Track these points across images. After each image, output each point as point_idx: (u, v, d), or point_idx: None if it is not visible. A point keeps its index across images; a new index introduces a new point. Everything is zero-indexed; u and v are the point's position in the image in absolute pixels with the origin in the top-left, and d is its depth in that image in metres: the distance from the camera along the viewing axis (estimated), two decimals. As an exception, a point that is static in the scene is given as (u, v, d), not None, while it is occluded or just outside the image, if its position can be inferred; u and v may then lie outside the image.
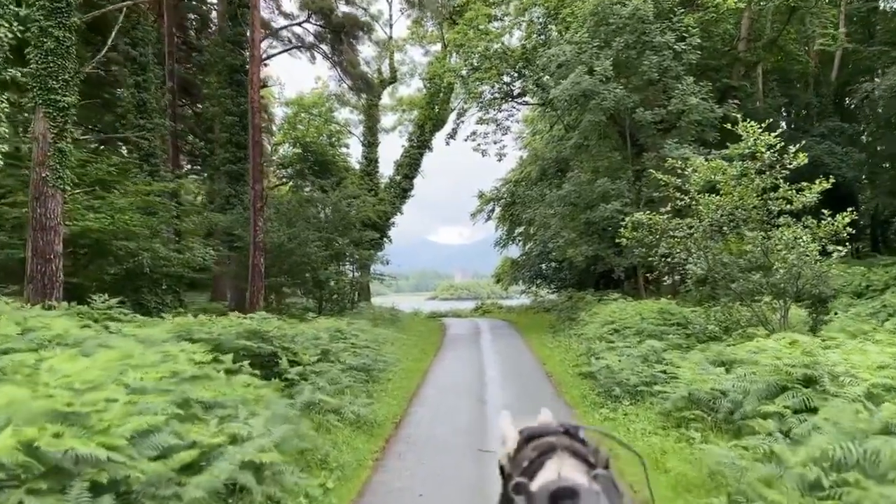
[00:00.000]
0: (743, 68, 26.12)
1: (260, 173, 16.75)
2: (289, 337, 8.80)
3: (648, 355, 10.71)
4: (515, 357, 16.37)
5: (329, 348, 8.97)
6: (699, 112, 19.36)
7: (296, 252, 18.05)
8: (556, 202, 20.84)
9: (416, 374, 13.26)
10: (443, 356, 16.53)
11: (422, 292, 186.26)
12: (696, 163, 12.60)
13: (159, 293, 13.88)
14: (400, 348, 16.13)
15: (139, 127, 17.97)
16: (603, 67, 19.11)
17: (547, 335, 20.25)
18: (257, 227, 16.52)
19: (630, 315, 14.61)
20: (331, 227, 19.72)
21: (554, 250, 21.30)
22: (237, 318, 9.04)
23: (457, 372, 14.02)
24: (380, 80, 35.32)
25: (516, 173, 40.97)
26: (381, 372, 11.48)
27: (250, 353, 8.43)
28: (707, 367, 9.17)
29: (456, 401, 10.60)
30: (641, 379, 9.71)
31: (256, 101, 16.85)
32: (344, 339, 10.97)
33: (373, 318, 21.84)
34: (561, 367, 14.15)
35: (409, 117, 40.05)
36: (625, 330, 13.44)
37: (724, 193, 12.83)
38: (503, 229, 42.66)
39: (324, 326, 11.31)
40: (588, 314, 17.86)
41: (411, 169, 36.51)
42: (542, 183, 25.24)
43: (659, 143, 19.92)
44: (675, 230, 12.82)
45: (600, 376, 10.64)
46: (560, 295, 35.70)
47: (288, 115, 35.77)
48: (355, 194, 20.93)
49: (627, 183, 19.71)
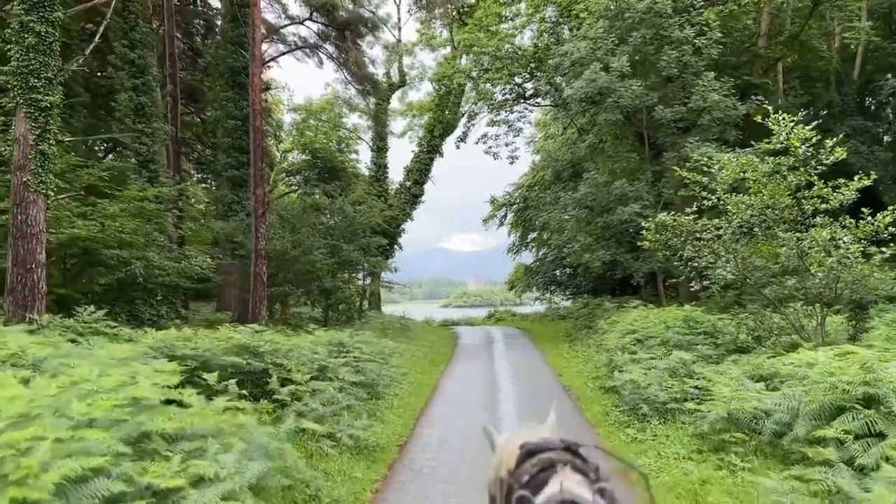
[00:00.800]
0: (763, 65, 25.16)
1: (262, 178, 16.04)
2: (282, 352, 8.00)
3: (677, 368, 9.81)
4: (530, 368, 15.50)
5: (327, 364, 8.16)
6: (721, 109, 18.43)
7: (300, 260, 17.31)
8: (571, 205, 19.97)
9: (424, 389, 12.43)
10: (453, 368, 15.68)
11: (435, 300, 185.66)
12: (724, 159, 11.69)
13: (154, 304, 13.17)
14: (408, 360, 15.31)
15: (137, 131, 17.37)
16: (619, 64, 18.25)
17: (563, 344, 19.35)
18: (259, 234, 15.80)
19: (653, 323, 13.70)
20: (337, 233, 18.98)
21: (569, 256, 20.41)
22: (227, 332, 8.27)
23: (468, 385, 13.17)
24: (389, 83, 34.66)
25: (529, 178, 40.12)
26: (387, 387, 10.67)
27: (239, 370, 7.66)
28: (745, 382, 8.27)
29: (466, 419, 9.73)
30: (671, 395, 8.82)
31: (258, 103, 16.16)
32: (345, 352, 10.16)
33: (381, 327, 21.06)
34: (580, 380, 13.26)
35: (419, 122, 39.35)
36: (648, 340, 12.53)
37: (754, 192, 11.93)
38: (516, 235, 41.78)
39: (325, 339, 10.52)
40: (607, 322, 16.93)
41: (421, 174, 35.77)
42: (556, 186, 24.36)
43: (679, 143, 19.02)
44: (702, 232, 11.91)
45: (624, 391, 9.74)
46: (575, 302, 34.73)
47: (296, 121, 35.17)
48: (362, 199, 20.17)
49: (646, 184, 18.79)
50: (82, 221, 11.76)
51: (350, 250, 18.27)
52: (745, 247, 12.37)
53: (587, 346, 16.76)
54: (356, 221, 18.91)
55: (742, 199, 11.89)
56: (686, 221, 12.03)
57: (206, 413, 5.06)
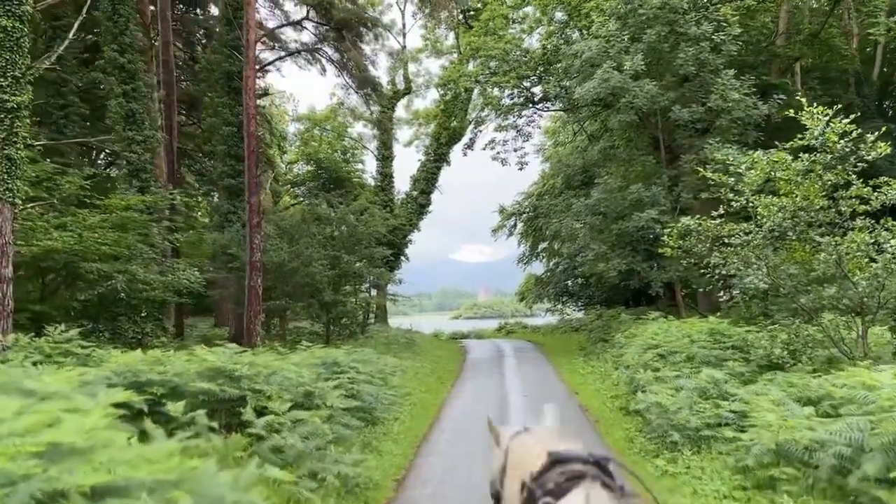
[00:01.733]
0: (781, 65, 24.17)
1: (257, 185, 15.19)
2: (263, 376, 7.05)
3: (708, 388, 8.77)
4: (543, 386, 14.46)
5: (314, 389, 7.19)
6: (742, 109, 17.44)
7: (299, 272, 16.42)
8: (584, 212, 18.97)
9: (428, 411, 11.43)
10: (461, 387, 14.67)
11: (445, 311, 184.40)
12: (755, 157, 10.69)
13: (139, 321, 12.28)
14: (412, 378, 14.33)
15: (128, 139, 16.60)
16: (633, 63, 17.31)
17: (577, 359, 18.29)
18: (254, 245, 14.93)
19: (676, 337, 12.64)
20: (338, 244, 18.08)
21: (582, 265, 19.39)
22: (202, 353, 7.34)
23: (476, 406, 12.15)
24: (394, 91, 33.90)
25: (539, 186, 39.18)
26: (385, 411, 9.69)
27: (212, 398, 6.72)
28: (791, 406, 7.24)
29: (474, 444, 8.73)
30: (704, 420, 7.78)
31: (252, 107, 15.34)
32: (339, 373, 9.19)
33: (386, 342, 20.10)
34: (598, 400, 12.22)
35: (425, 131, 38.58)
36: (672, 355, 11.47)
37: (785, 193, 10.93)
38: (526, 245, 40.77)
39: (316, 358, 9.56)
40: (624, 335, 15.87)
41: (428, 184, 34.91)
42: (567, 193, 23.36)
43: (697, 145, 18.02)
44: (730, 237, 10.89)
45: (650, 415, 8.71)
46: (588, 313, 33.63)
47: (300, 130, 34.47)
48: (363, 207, 19.26)
49: (664, 189, 17.77)
50: (58, 233, 10.91)
51: (352, 262, 17.34)
52: (776, 253, 11.38)
53: (604, 361, 15.71)
54: (358, 231, 18.00)
55: (773, 200, 10.90)
56: (712, 226, 11.02)
57: (156, 455, 4.11)
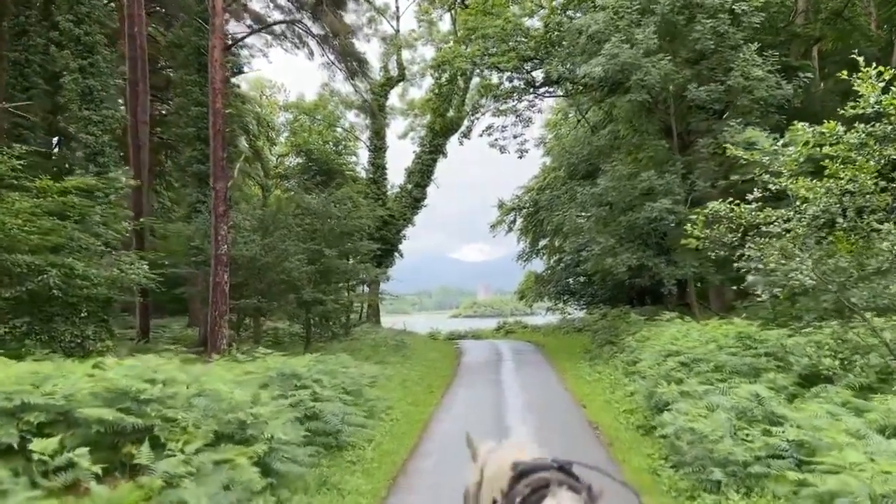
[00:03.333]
0: (802, 46, 22.50)
1: (223, 170, 13.49)
2: (184, 398, 5.38)
3: (750, 408, 7.10)
4: (546, 396, 12.80)
5: (250, 416, 5.47)
6: (765, 88, 15.77)
7: (274, 267, 14.74)
8: (590, 202, 17.28)
9: (412, 429, 9.75)
10: (452, 397, 12.99)
11: (444, 310, 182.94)
12: (798, 128, 9.00)
13: (78, 322, 10.60)
14: (397, 387, 12.66)
15: (84, 119, 14.95)
16: (645, 36, 15.62)
17: (582, 363, 16.61)
18: (220, 237, 13.25)
19: (698, 342, 10.98)
20: (319, 237, 16.40)
21: (587, 260, 17.70)
22: (114, 363, 5.68)
23: (468, 422, 10.46)
24: (387, 77, 32.16)
25: (539, 180, 37.50)
26: (357, 433, 8.00)
27: (111, 429, 5.05)
28: (872, 437, 5.60)
29: (465, 477, 7.09)
30: (754, 453, 6.10)
31: (218, 81, 13.65)
32: (298, 388, 7.52)
33: (373, 344, 18.41)
34: (609, 414, 10.55)
35: (421, 122, 36.85)
36: (697, 364, 9.79)
37: (831, 173, 9.27)
38: (526, 242, 39.10)
39: (271, 369, 7.88)
40: (635, 338, 14.20)
41: (423, 176, 33.20)
42: (571, 182, 21.61)
43: (714, 129, 16.35)
44: (768, 224, 9.22)
45: (680, 442, 7.03)
46: (590, 312, 31.96)
47: (289, 120, 32.77)
48: (346, 196, 17.55)
49: (678, 177, 16.09)
50: (-26, 219, 9.24)
51: (333, 256, 15.65)
52: (819, 244, 9.74)
53: (613, 368, 14.03)
54: (342, 223, 16.30)
55: (818, 182, 9.24)
56: (746, 211, 9.33)
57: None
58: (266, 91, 41.18)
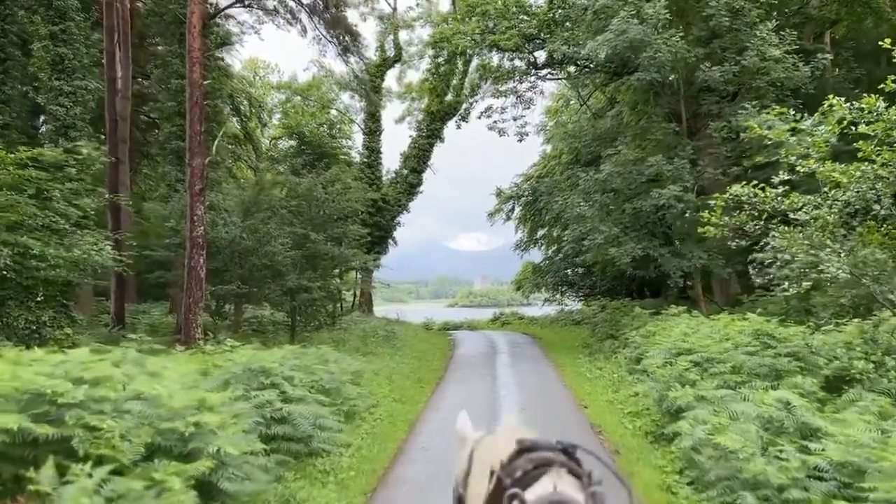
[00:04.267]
0: (816, 29, 21.52)
1: (200, 145, 12.51)
2: (112, 402, 4.45)
3: (778, 418, 6.21)
4: (543, 395, 11.92)
5: (192, 425, 4.52)
6: (783, 70, 14.81)
7: (255, 252, 13.80)
8: (593, 188, 16.32)
9: (396, 429, 8.86)
10: (443, 393, 12.10)
11: (441, 299, 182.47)
12: (832, 101, 8.06)
13: (34, 307, 9.65)
14: (383, 382, 11.75)
15: (55, 90, 13.95)
16: (655, 10, 14.63)
17: (582, 358, 15.74)
18: (195, 217, 12.31)
19: (710, 339, 10.08)
20: (305, 220, 15.44)
21: (589, 250, 16.76)
22: (24, 360, 4.76)
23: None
24: (382, 58, 31.07)
25: (539, 168, 36.52)
26: (333, 438, 7.09)
27: (17, 440, 4.14)
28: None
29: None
30: (789, 474, 5.21)
31: (196, 49, 12.64)
32: (265, 387, 6.60)
33: (362, 335, 17.53)
34: (613, 416, 9.67)
35: (418, 106, 35.78)
36: (712, 364, 8.88)
37: (865, 156, 8.36)
38: (524, 231, 38.15)
39: (237, 362, 6.95)
40: (639, 333, 13.31)
41: (420, 162, 32.19)
42: (574, 167, 20.57)
43: (726, 112, 15.40)
44: (796, 211, 8.30)
45: (700, 457, 6.14)
46: (588, 304, 31.10)
47: (281, 101, 31.70)
48: (335, 177, 16.55)
49: (687, 162, 15.15)
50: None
51: (320, 241, 14.68)
52: (848, 234, 8.86)
53: (616, 365, 13.15)
54: (329, 205, 15.31)
55: (851, 166, 8.34)
56: (773, 196, 8.41)
57: None
58: (260, 72, 40.05)
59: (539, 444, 1.34)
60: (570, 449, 1.32)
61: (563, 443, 1.35)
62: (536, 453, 1.29)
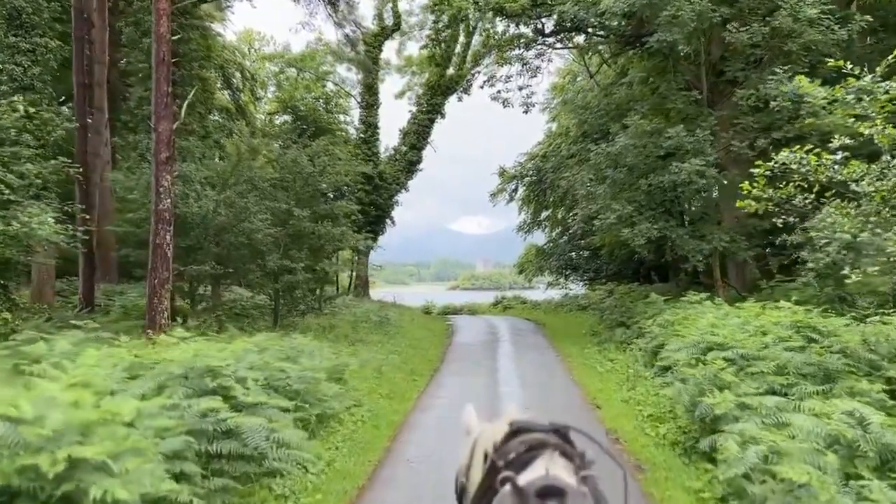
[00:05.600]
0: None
1: (166, 107, 11.12)
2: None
3: (853, 440, 4.92)
4: (550, 391, 10.67)
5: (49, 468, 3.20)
6: (818, 32, 13.36)
7: (231, 228, 12.48)
8: (605, 163, 14.90)
9: (380, 435, 7.59)
10: (437, 388, 10.83)
11: (443, 281, 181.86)
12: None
13: (-36, 289, 8.38)
14: (369, 376, 10.47)
15: (11, 47, 12.58)
16: (678, -37, 13.14)
17: (591, 348, 14.45)
18: (161, 189, 10.95)
19: (742, 332, 8.78)
20: (291, 194, 14.09)
21: (600, 231, 15.38)
22: None
23: (454, 423, 8.35)
24: (381, 27, 29.48)
25: (544, 146, 35.00)
26: (294, 453, 5.81)
27: None
28: None
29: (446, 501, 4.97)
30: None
31: (163, 1, 11.21)
32: (205, 392, 5.31)
33: (353, 320, 16.28)
34: (630, 420, 8.39)
35: (418, 81, 34.23)
36: (750, 362, 7.57)
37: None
38: (527, 212, 36.72)
39: (178, 363, 5.66)
40: (656, 322, 11.97)
41: (419, 138, 30.73)
42: (584, 141, 19.06)
43: (754, 79, 13.96)
44: (858, 181, 6.93)
45: (754, 488, 4.83)
46: (593, 288, 29.81)
47: (274, 72, 30.18)
48: (323, 148, 15.11)
49: (710, 133, 13.75)
50: None
51: (304, 218, 13.33)
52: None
53: (631, 357, 11.84)
54: (315, 178, 13.91)
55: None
56: (830, 163, 7.04)
57: None
58: (255, 44, 38.45)
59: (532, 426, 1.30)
60: (563, 430, 1.27)
61: (556, 423, 1.29)
62: (529, 435, 1.26)
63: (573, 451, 1.21)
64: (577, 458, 1.19)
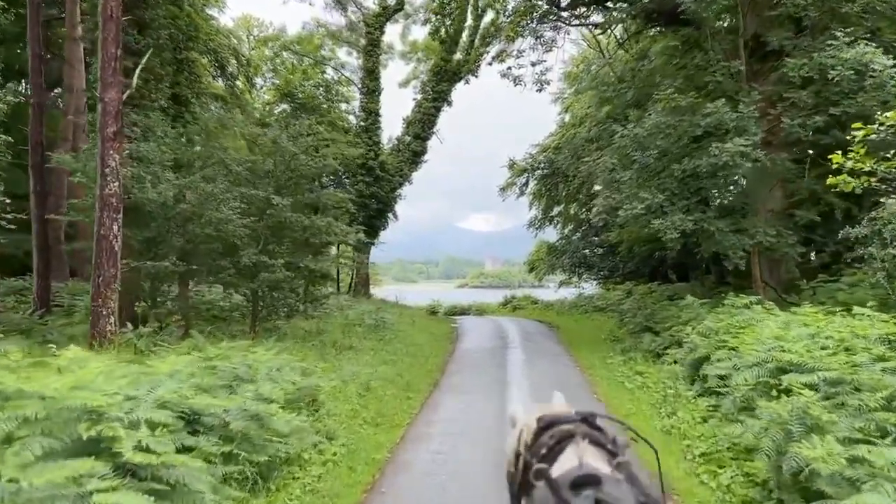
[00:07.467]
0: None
1: (114, 73, 9.40)
2: None
3: None
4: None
5: None
6: (882, -10, 11.47)
7: (196, 218, 10.72)
8: (632, 146, 13.02)
9: (354, 481, 5.78)
10: (434, 409, 8.98)
11: (451, 279, 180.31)
12: None
13: None
14: (353, 395, 8.67)
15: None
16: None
17: (614, 357, 12.58)
18: (107, 170, 9.25)
19: (816, 346, 6.93)
20: (272, 180, 12.32)
21: (624, 222, 13.48)
22: None
23: (448, 464, 6.50)
24: (382, 6, 27.68)
25: (556, 137, 33.09)
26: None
27: None
28: None
29: None
30: None
31: (112, -54, 9.46)
32: (78, 446, 3.56)
33: (345, 324, 14.52)
34: (675, 458, 6.54)
35: (423, 68, 32.45)
36: (838, 388, 5.72)
37: None
38: (538, 207, 34.81)
39: (46, 393, 3.90)
40: (696, 331, 10.08)
41: (424, 128, 28.96)
42: (607, 122, 17.01)
43: (805, 47, 12.07)
44: None
45: None
46: (608, 288, 27.92)
47: (270, 56, 28.46)
48: (307, 127, 13.31)
49: (755, 109, 11.87)
50: None
51: (285, 207, 11.55)
52: None
53: (666, 372, 9.96)
54: (297, 161, 12.08)
55: None
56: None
57: None
58: (254, 31, 36.75)
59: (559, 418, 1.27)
60: (590, 418, 1.25)
61: (582, 412, 1.28)
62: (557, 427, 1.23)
63: (603, 437, 1.18)
64: (608, 444, 1.16)
